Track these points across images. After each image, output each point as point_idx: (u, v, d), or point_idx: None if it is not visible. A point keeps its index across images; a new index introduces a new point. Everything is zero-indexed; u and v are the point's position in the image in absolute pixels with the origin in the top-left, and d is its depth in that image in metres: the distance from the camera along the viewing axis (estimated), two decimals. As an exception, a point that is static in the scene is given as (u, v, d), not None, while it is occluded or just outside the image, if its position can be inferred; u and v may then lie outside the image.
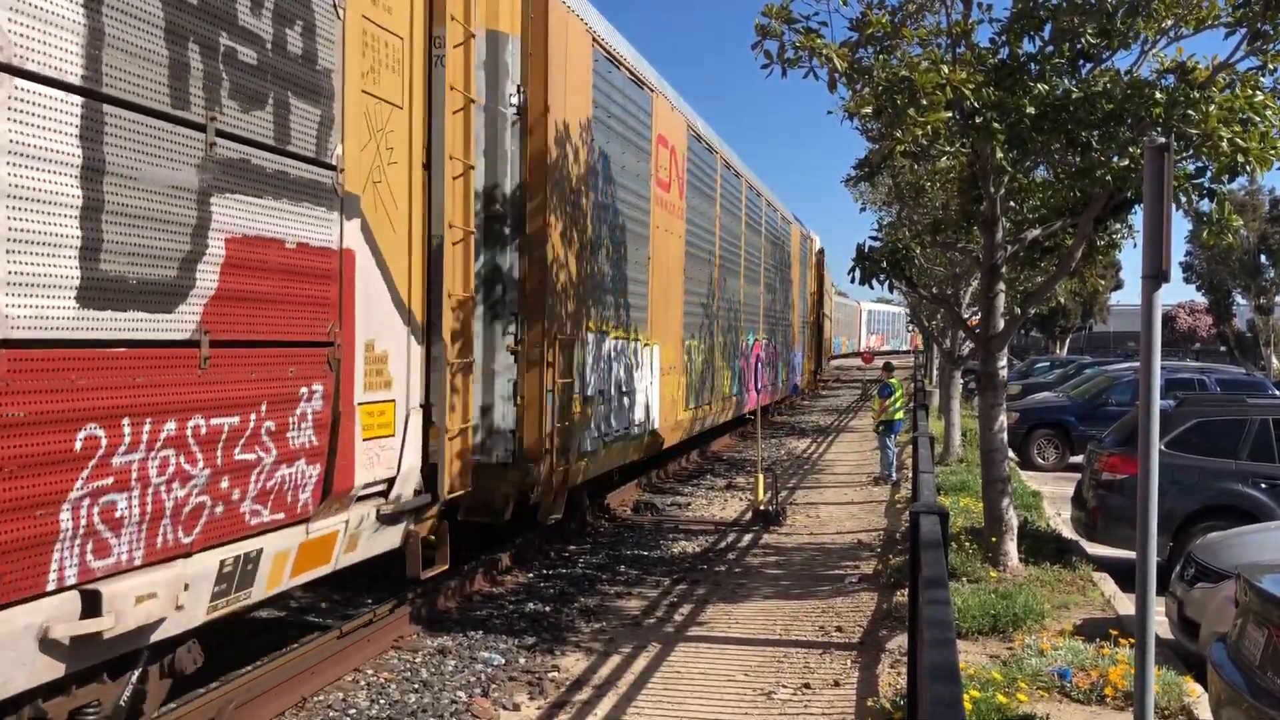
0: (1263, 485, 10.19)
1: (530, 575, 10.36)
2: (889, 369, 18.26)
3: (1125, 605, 8.84)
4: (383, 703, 6.80)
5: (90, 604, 4.71)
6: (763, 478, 13.87)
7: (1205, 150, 8.19)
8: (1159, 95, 8.23)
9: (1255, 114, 8.12)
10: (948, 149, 9.69)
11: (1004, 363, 10.32)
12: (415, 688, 7.09)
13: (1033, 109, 8.49)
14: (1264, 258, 50.17)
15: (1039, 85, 8.65)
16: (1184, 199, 8.65)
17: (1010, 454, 15.40)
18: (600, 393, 11.23)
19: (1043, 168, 10.47)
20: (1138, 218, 11.05)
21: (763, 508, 13.44)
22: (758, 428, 16.51)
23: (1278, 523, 9.12)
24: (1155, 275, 5.39)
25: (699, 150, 16.59)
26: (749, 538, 12.53)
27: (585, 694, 7.08)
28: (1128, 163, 8.44)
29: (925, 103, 8.23)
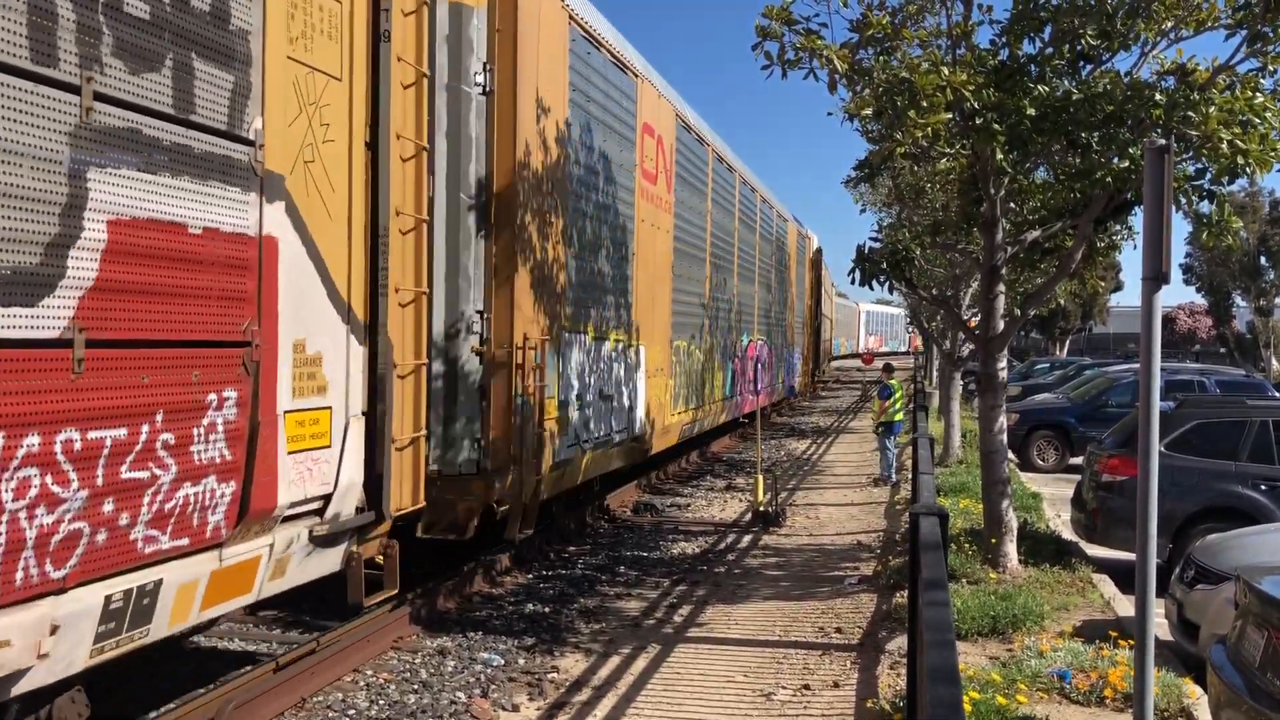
0: (1262, 487, 10.20)
1: (530, 576, 10.36)
2: (889, 370, 18.27)
3: (1125, 607, 8.84)
4: (382, 703, 6.80)
5: None
6: (762, 479, 13.87)
7: (1205, 152, 8.20)
8: (1159, 97, 8.24)
9: (1255, 116, 8.12)
10: (948, 150, 9.71)
11: (1004, 364, 10.32)
12: (415, 688, 7.09)
13: (1033, 110, 8.49)
14: (1264, 259, 50.19)
15: (1039, 87, 8.65)
16: (1184, 201, 8.65)
17: (1010, 455, 15.40)
18: (578, 397, 10.62)
19: (1043, 169, 10.47)
20: (1138, 219, 11.08)
21: (762, 509, 13.44)
22: (758, 429, 16.51)
23: (1277, 524, 9.13)
24: (1155, 277, 5.39)
25: (689, 142, 15.88)
26: (748, 539, 12.53)
27: (585, 695, 7.08)
28: (1128, 164, 8.44)
29: (925, 104, 8.24)
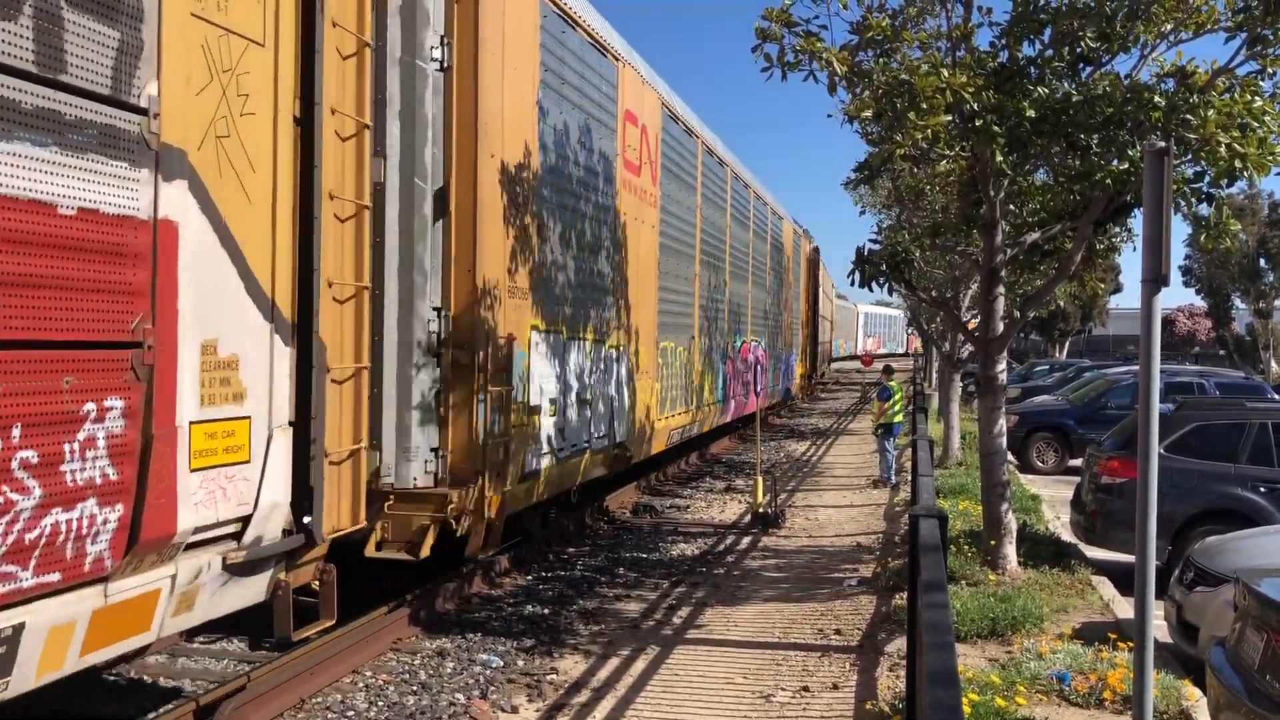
0: (1261, 489, 10.20)
1: (529, 577, 10.36)
2: (888, 372, 18.27)
3: (1124, 609, 8.84)
4: (381, 704, 6.80)
5: None
6: (762, 480, 13.88)
7: (1203, 155, 8.20)
8: (1158, 99, 8.24)
9: (1254, 120, 8.13)
10: (947, 152, 9.71)
11: (1003, 366, 10.32)
12: (414, 689, 7.09)
13: (1032, 112, 8.49)
14: (1263, 261, 50.22)
15: (1039, 89, 8.66)
16: (1183, 203, 8.66)
17: (1009, 457, 15.39)
18: (552, 402, 10.01)
19: (1042, 171, 10.47)
20: (1137, 221, 11.09)
21: (762, 510, 13.44)
22: (757, 431, 16.52)
23: (1276, 527, 9.13)
24: (1154, 279, 5.39)
25: (676, 132, 15.17)
26: (748, 540, 12.53)
27: (584, 696, 7.08)
28: (1127, 166, 8.45)
29: (925, 106, 8.25)
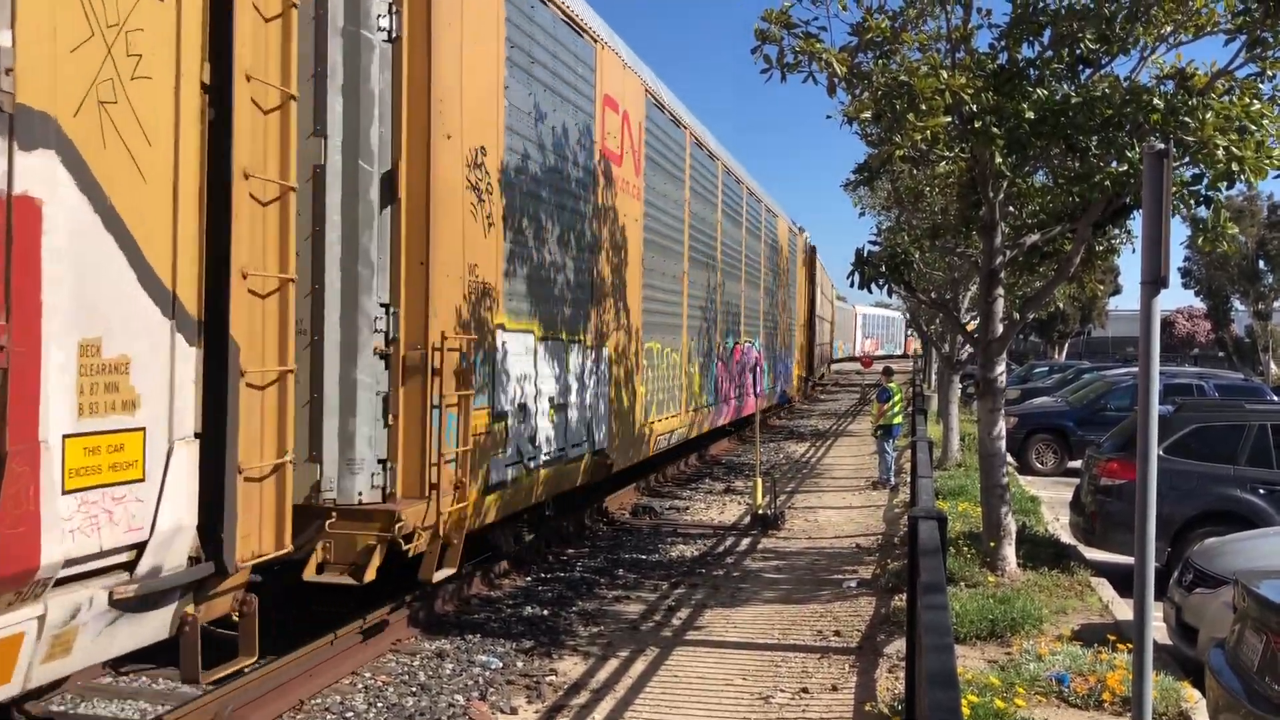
0: (1261, 491, 10.21)
1: (528, 579, 10.36)
2: (888, 373, 18.27)
3: (1123, 610, 8.84)
4: (380, 705, 6.80)
5: None
6: (761, 482, 13.88)
7: (1201, 158, 8.21)
8: (1157, 101, 8.25)
9: (1251, 123, 8.13)
10: (947, 154, 9.72)
11: (1002, 368, 10.32)
12: (413, 691, 7.09)
13: (1032, 114, 8.50)
14: (1262, 263, 50.29)
15: (1038, 90, 8.66)
16: (1181, 206, 8.66)
17: (1009, 458, 15.39)
18: (521, 407, 9.36)
19: (1042, 173, 10.48)
20: (1136, 223, 11.09)
21: (761, 512, 13.44)
22: (756, 433, 16.52)
23: (1276, 528, 9.14)
24: (1154, 281, 5.39)
25: (662, 122, 14.50)
26: (747, 542, 12.52)
27: (583, 697, 7.08)
28: (1126, 168, 8.46)
29: (924, 107, 8.26)
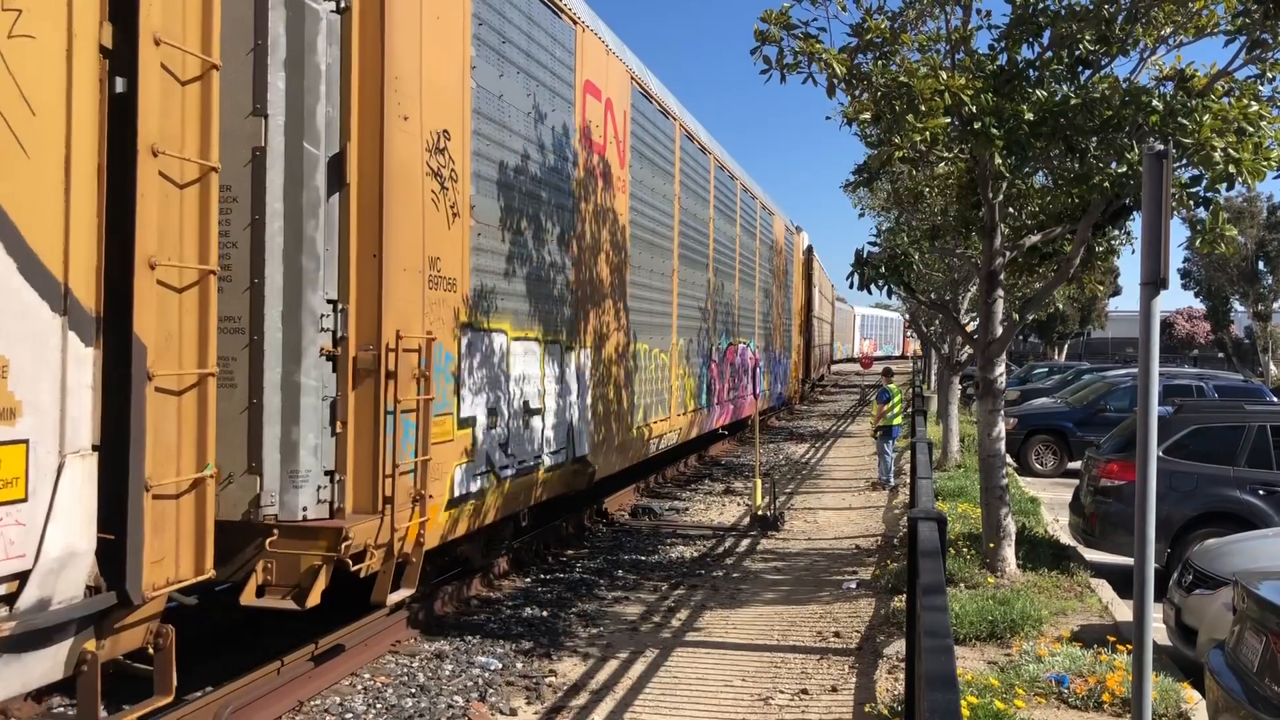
0: (1260, 492, 10.21)
1: (528, 580, 10.35)
2: (888, 374, 18.28)
3: (1123, 611, 8.84)
4: (380, 707, 6.80)
5: None
6: (761, 483, 13.88)
7: (1199, 159, 8.21)
8: (1156, 103, 8.25)
9: (1250, 124, 8.13)
10: (946, 155, 9.72)
11: (1002, 369, 10.32)
12: (412, 692, 7.08)
13: (1031, 115, 8.50)
14: (1262, 264, 50.27)
15: (1038, 91, 8.66)
16: (1181, 207, 8.66)
17: (1008, 459, 15.39)
18: (492, 412, 8.80)
19: (1041, 174, 10.49)
20: (1136, 224, 11.09)
21: (761, 513, 13.44)
22: (755, 434, 16.53)
23: (1275, 529, 9.14)
24: (1153, 282, 5.39)
25: (650, 113, 13.91)
26: (747, 543, 12.52)
27: (582, 699, 7.08)
28: (1126, 169, 8.46)
29: (924, 108, 8.26)
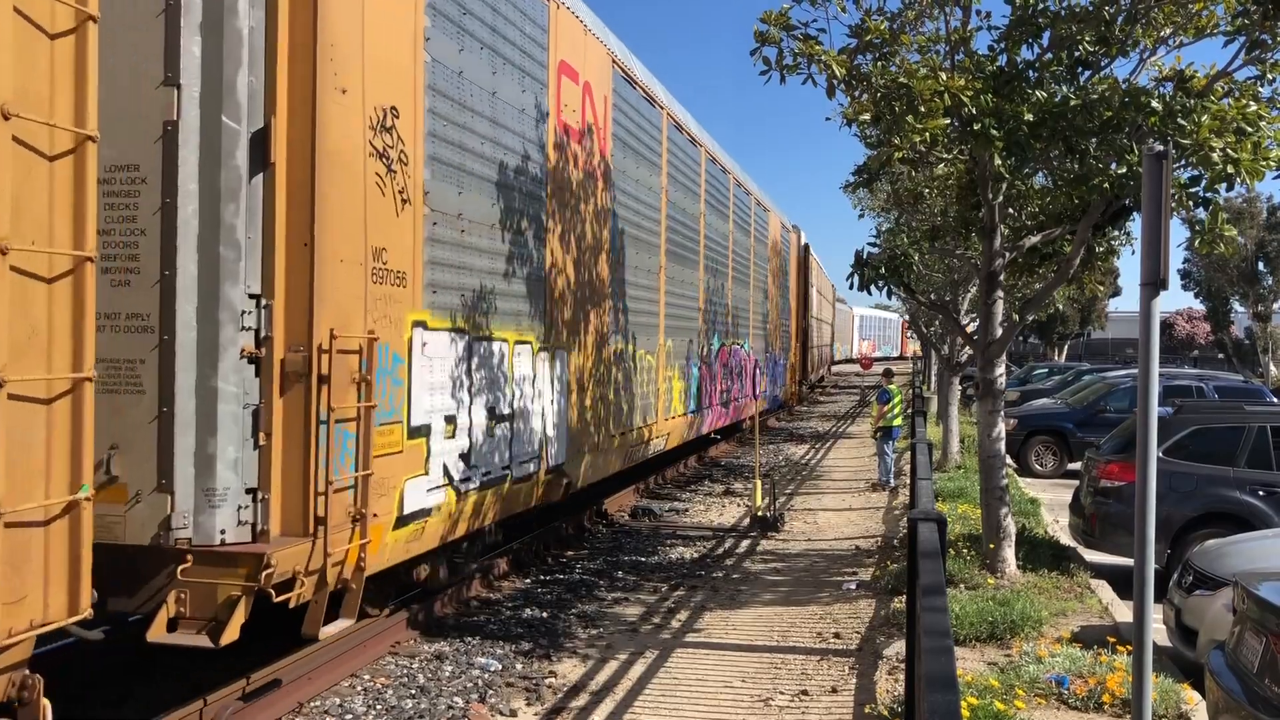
0: (1260, 492, 10.21)
1: (528, 581, 10.35)
2: (889, 375, 18.28)
3: (1123, 612, 8.84)
4: (379, 708, 6.79)
5: None
6: (761, 483, 13.88)
7: (1198, 159, 8.21)
8: (1155, 104, 8.25)
9: (1248, 124, 8.13)
10: (946, 156, 9.73)
11: (1002, 369, 10.32)
12: (412, 693, 7.08)
13: (1031, 116, 8.50)
14: (1262, 265, 50.29)
15: (1037, 92, 8.67)
16: (1180, 208, 8.66)
17: (1008, 460, 15.38)
18: (449, 420, 8.10)
19: (1041, 175, 10.49)
20: (1136, 225, 11.09)
21: (761, 514, 13.44)
22: (755, 435, 16.53)
23: (1275, 530, 9.14)
24: (1153, 282, 5.39)
25: (633, 99, 13.25)
26: (747, 543, 12.52)
27: (582, 700, 7.08)
28: (1125, 170, 8.46)
29: (923, 109, 8.26)
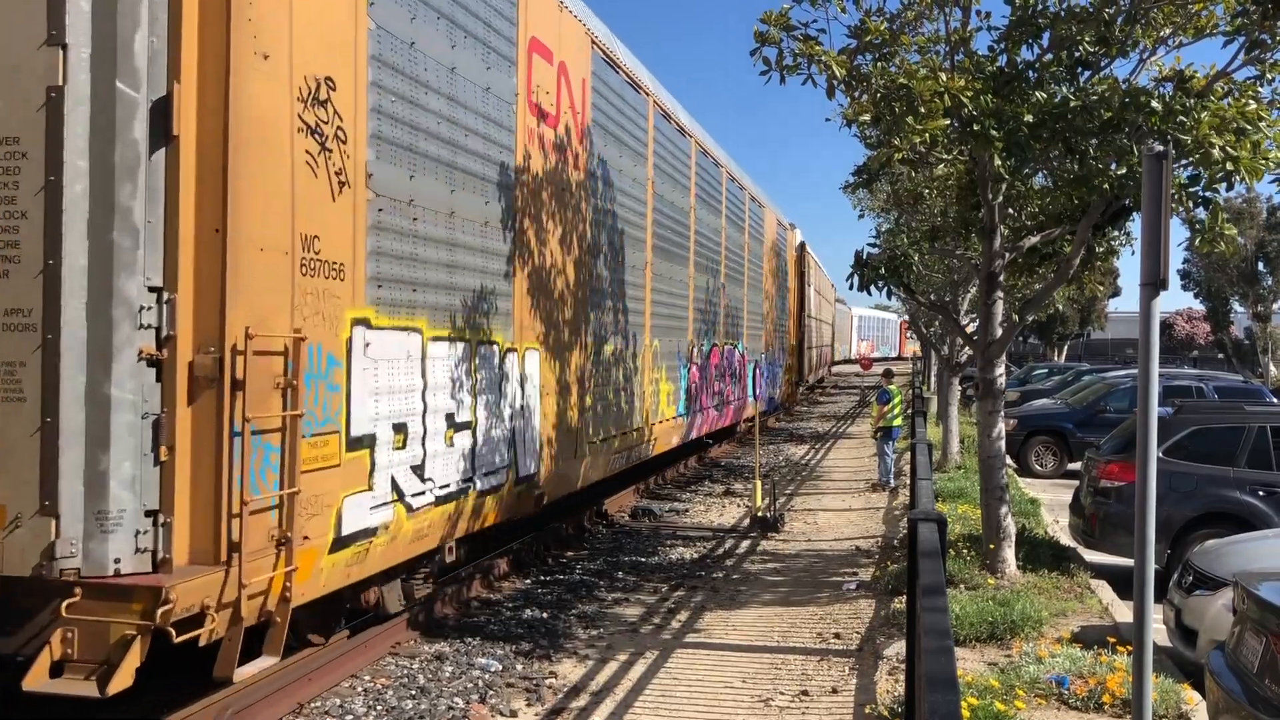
0: (1260, 492, 10.21)
1: (528, 581, 10.35)
2: (889, 375, 18.28)
3: (1123, 612, 8.84)
4: (380, 709, 6.79)
5: None
6: (761, 484, 13.88)
7: (1197, 158, 8.21)
8: (1155, 104, 8.25)
9: (1248, 124, 8.14)
10: (946, 156, 9.73)
11: (1002, 370, 10.33)
12: (412, 694, 7.08)
13: (1031, 117, 8.51)
14: (1261, 265, 50.31)
15: (1037, 93, 8.67)
16: (1180, 208, 8.66)
17: (1008, 460, 15.38)
18: (398, 429, 7.31)
19: (1041, 175, 10.49)
20: (1136, 225, 11.09)
21: (761, 514, 13.44)
22: (756, 436, 16.53)
23: (1275, 530, 9.14)
24: (1153, 283, 5.39)
25: (616, 84, 12.48)
26: (747, 544, 12.52)
27: (582, 700, 7.08)
28: (1125, 170, 8.46)
29: (923, 110, 8.26)
